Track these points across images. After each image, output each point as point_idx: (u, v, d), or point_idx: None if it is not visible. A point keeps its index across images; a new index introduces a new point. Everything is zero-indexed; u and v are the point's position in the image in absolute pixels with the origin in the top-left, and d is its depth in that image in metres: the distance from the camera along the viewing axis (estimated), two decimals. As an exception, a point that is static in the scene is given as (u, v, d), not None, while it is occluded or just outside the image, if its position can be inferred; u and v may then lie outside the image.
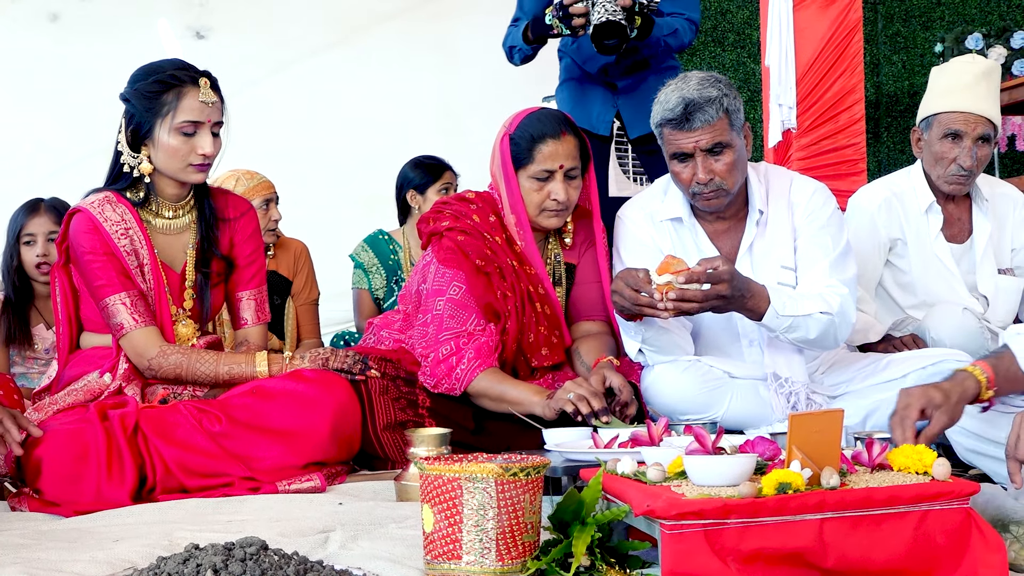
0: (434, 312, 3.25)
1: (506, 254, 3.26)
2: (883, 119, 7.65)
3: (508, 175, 3.29)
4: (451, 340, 3.21)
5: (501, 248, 3.27)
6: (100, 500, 2.74)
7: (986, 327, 3.56)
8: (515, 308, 3.21)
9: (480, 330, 3.21)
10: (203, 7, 6.71)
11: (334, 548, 2.17)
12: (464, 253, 3.24)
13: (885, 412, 3.19)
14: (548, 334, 3.28)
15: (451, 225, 3.28)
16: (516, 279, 3.24)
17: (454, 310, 3.23)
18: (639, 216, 3.34)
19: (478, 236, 3.26)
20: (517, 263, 3.27)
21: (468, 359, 3.17)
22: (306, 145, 6.51)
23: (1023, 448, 2.06)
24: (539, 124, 3.28)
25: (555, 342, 3.29)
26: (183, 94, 3.07)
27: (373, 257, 4.98)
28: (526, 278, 3.27)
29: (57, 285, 3.19)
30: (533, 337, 3.25)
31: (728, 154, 3.11)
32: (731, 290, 2.94)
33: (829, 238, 3.21)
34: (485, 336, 3.20)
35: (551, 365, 3.31)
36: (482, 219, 3.30)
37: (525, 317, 3.24)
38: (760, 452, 2.02)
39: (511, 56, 4.07)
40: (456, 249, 3.25)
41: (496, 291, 3.21)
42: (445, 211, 3.34)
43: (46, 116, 6.45)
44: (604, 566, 1.89)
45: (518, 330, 3.22)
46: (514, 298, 3.22)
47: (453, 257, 3.25)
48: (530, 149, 3.25)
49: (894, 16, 7.67)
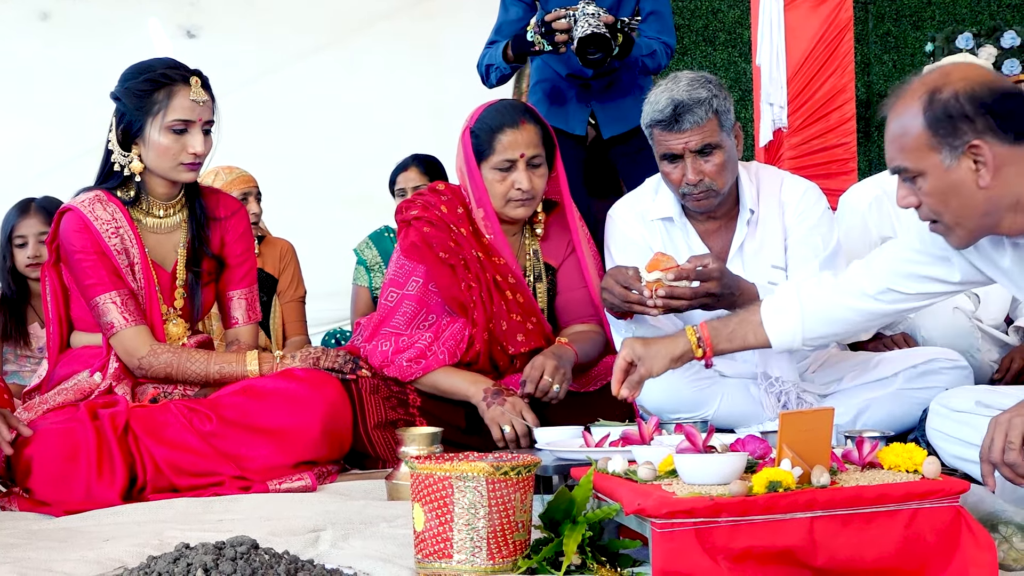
0: (384, 301, 3.30)
1: (471, 245, 3.27)
2: (874, 118, 7.66)
3: (471, 168, 3.31)
4: (392, 337, 3.25)
5: (466, 240, 3.28)
6: (90, 499, 2.74)
7: (976, 326, 3.57)
8: (480, 298, 3.22)
9: (427, 326, 3.25)
10: (194, 6, 6.71)
11: (325, 547, 2.17)
12: (428, 245, 3.25)
13: (875, 411, 3.22)
14: (523, 321, 3.28)
15: (419, 215, 3.30)
16: (481, 269, 3.25)
17: (406, 307, 3.27)
18: (629, 215, 3.34)
19: (444, 227, 3.27)
20: (483, 254, 3.28)
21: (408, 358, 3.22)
22: (297, 145, 6.50)
23: (996, 451, 2.06)
24: (497, 115, 3.29)
25: (531, 328, 3.28)
26: (174, 93, 3.07)
27: (376, 254, 4.95)
28: (493, 268, 3.28)
29: (47, 284, 3.18)
30: (506, 325, 3.25)
31: (718, 155, 3.11)
32: (720, 288, 2.94)
33: (819, 238, 3.21)
34: (429, 337, 3.23)
35: (531, 351, 3.29)
36: (450, 210, 3.31)
37: (494, 306, 3.24)
38: (751, 451, 2.02)
39: (487, 76, 4.06)
40: (420, 242, 3.26)
41: (460, 282, 3.22)
42: (417, 200, 3.37)
43: (37, 116, 6.44)
44: (595, 564, 1.89)
45: (487, 319, 3.23)
46: (479, 288, 3.23)
47: (415, 250, 3.27)
48: (490, 140, 3.26)
49: (885, 15, 7.69)
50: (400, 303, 3.28)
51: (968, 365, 3.29)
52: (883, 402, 3.21)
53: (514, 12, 4.04)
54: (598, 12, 3.71)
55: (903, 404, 3.20)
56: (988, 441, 2.08)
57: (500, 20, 4.10)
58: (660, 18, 4.07)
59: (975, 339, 3.52)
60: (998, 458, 2.06)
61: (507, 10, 4.07)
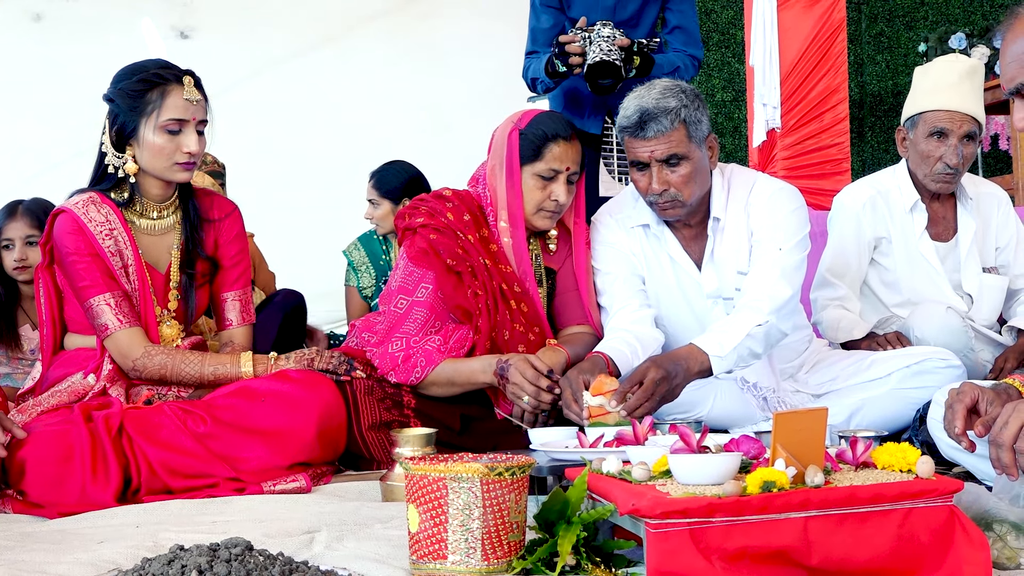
0: (394, 308, 3.28)
1: (478, 253, 3.26)
2: (867, 118, 7.68)
3: (512, 169, 3.27)
4: (402, 339, 3.24)
5: (473, 247, 3.26)
6: (84, 501, 2.73)
7: (970, 326, 3.58)
8: (486, 306, 3.21)
9: (435, 332, 3.24)
10: (187, 7, 6.71)
11: (320, 548, 2.17)
12: (435, 252, 3.23)
13: (869, 411, 3.22)
14: (525, 331, 3.27)
15: (425, 222, 3.28)
16: (488, 277, 3.23)
17: (416, 313, 3.25)
18: (611, 221, 3.35)
19: (451, 235, 3.25)
20: (491, 262, 3.27)
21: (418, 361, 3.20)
22: (290, 145, 6.51)
23: (1008, 435, 2.06)
24: (552, 123, 3.27)
25: (532, 339, 3.28)
26: (167, 92, 3.07)
27: (364, 256, 4.98)
28: (499, 276, 3.27)
29: (41, 286, 3.18)
30: (508, 335, 3.24)
31: (685, 166, 3.09)
32: (662, 371, 2.85)
33: (782, 232, 3.17)
34: (439, 340, 3.22)
35: None
36: (456, 217, 3.29)
37: (498, 315, 3.23)
38: (745, 451, 2.02)
39: (533, 87, 4.06)
40: (428, 248, 3.24)
41: (467, 290, 3.21)
42: (421, 207, 3.34)
43: (30, 117, 6.44)
44: (590, 565, 1.89)
45: (491, 328, 3.21)
46: (485, 296, 3.22)
47: (424, 257, 3.25)
48: (540, 147, 3.23)
49: (878, 16, 7.70)
50: (410, 309, 3.25)
51: (962, 365, 3.30)
52: (877, 402, 3.22)
53: (545, 20, 4.02)
54: (613, 35, 3.69)
55: (897, 404, 3.21)
56: (1001, 424, 2.08)
57: (532, 26, 4.09)
58: (685, 31, 4.07)
59: (969, 339, 3.53)
60: (1008, 442, 2.05)
61: (538, 17, 4.05)
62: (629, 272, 3.31)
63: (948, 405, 2.28)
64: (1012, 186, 6.02)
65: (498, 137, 3.32)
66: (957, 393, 2.28)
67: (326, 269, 5.25)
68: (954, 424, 2.24)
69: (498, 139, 3.32)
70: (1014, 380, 2.32)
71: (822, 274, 3.80)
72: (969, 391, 2.26)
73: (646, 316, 3.24)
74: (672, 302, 3.31)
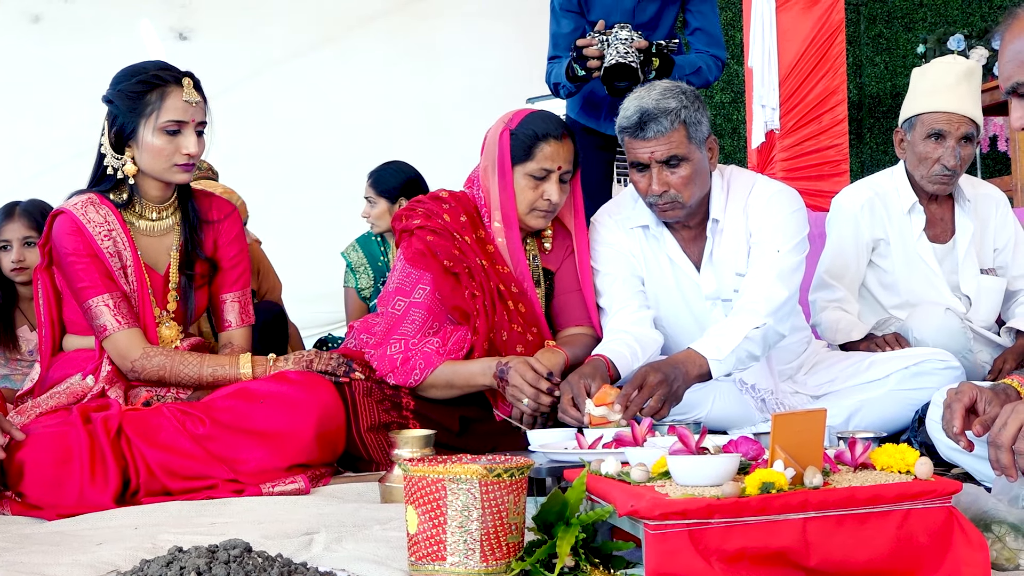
0: (392, 310, 3.27)
1: (476, 254, 3.26)
2: (866, 120, 7.68)
3: (504, 169, 3.27)
4: (400, 341, 3.23)
5: (471, 248, 3.26)
6: (83, 503, 2.73)
7: (968, 327, 3.58)
8: (484, 307, 3.21)
9: (433, 333, 3.23)
10: (185, 8, 6.71)
11: (318, 550, 2.17)
12: (432, 253, 3.23)
13: (868, 412, 3.23)
14: (523, 332, 3.27)
15: (422, 224, 3.27)
16: (485, 278, 3.23)
17: (414, 314, 3.24)
18: (610, 222, 3.35)
19: (447, 236, 3.25)
20: (488, 263, 3.26)
21: (416, 363, 3.19)
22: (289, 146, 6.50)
23: (1007, 436, 2.06)
24: (543, 123, 3.26)
25: (531, 340, 3.27)
26: (167, 94, 3.07)
27: (362, 257, 4.99)
28: (496, 277, 3.26)
29: (40, 287, 3.18)
30: (506, 335, 3.24)
31: (684, 167, 3.09)
32: (660, 374, 2.86)
33: (780, 234, 3.17)
34: (437, 342, 3.22)
35: None
36: (453, 219, 3.29)
37: (496, 316, 3.23)
38: (743, 452, 2.02)
39: (557, 91, 4.05)
40: (425, 250, 3.24)
41: (464, 291, 3.20)
42: (417, 209, 3.33)
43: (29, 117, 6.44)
44: (588, 566, 1.89)
45: (488, 329, 3.21)
46: (483, 297, 3.21)
47: (421, 258, 3.25)
48: (531, 146, 3.23)
49: (876, 17, 7.70)
50: (408, 311, 3.25)
51: (960, 366, 3.30)
52: (875, 403, 3.22)
53: (566, 24, 4.01)
54: (631, 37, 3.69)
55: (895, 405, 3.21)
56: (1000, 425, 2.08)
57: (552, 31, 4.08)
58: (707, 33, 4.06)
59: (967, 340, 3.53)
60: (1007, 443, 2.05)
61: (558, 22, 4.05)
62: (628, 273, 3.30)
63: (946, 404, 2.28)
64: (1011, 187, 6.02)
65: (490, 138, 3.32)
66: (955, 393, 2.28)
67: (325, 270, 5.25)
68: (952, 423, 2.24)
69: (490, 140, 3.32)
70: (1013, 380, 2.32)
71: (820, 276, 3.80)
72: (968, 391, 2.27)
73: (645, 317, 3.24)
74: (671, 303, 3.31)
